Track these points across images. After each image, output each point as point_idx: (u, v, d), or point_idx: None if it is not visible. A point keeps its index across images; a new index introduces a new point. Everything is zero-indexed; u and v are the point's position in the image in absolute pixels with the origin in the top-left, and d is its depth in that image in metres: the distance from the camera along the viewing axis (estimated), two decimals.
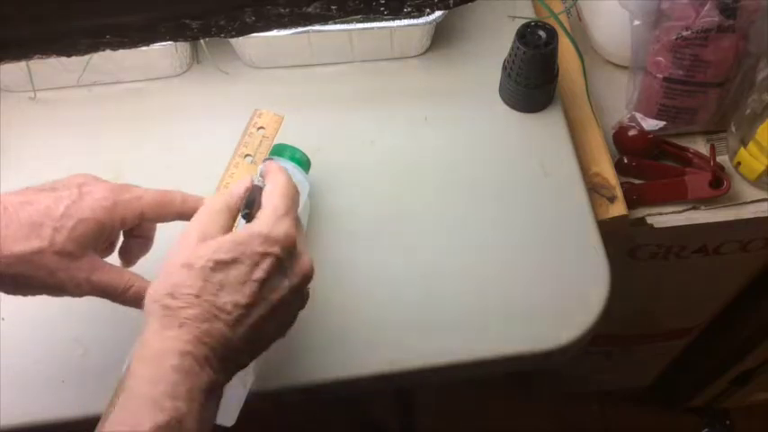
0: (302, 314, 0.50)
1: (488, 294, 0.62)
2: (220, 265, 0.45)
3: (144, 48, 0.52)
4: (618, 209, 0.69)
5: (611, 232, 0.67)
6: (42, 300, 0.62)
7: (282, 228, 0.47)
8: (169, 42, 0.69)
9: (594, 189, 0.70)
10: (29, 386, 0.58)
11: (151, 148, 0.70)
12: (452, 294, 0.62)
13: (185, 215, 0.52)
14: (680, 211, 0.73)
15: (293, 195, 0.50)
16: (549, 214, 0.66)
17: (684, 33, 0.67)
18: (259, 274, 0.45)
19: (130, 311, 0.61)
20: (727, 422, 1.40)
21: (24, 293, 0.49)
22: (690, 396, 1.34)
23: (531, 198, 0.67)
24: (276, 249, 0.46)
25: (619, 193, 0.70)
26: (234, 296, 0.45)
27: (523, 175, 0.68)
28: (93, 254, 0.49)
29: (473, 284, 0.63)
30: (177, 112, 0.73)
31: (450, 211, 0.66)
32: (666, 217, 0.73)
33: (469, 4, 0.56)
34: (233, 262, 0.45)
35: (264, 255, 0.46)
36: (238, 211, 0.50)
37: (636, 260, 0.81)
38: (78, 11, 0.47)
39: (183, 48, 0.72)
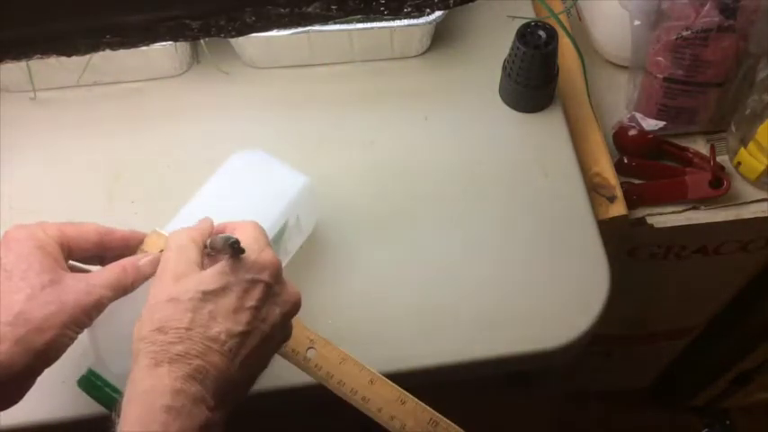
0: (302, 314, 0.50)
1: (488, 294, 0.62)
2: (209, 295, 0.43)
3: (144, 48, 0.52)
4: (618, 209, 0.69)
5: (611, 232, 0.67)
6: None
7: (268, 255, 0.46)
8: (169, 42, 0.69)
9: (594, 189, 0.70)
10: None
11: (151, 147, 0.70)
12: (452, 294, 0.62)
13: (102, 235, 0.51)
14: (680, 211, 0.73)
15: (264, 232, 0.49)
16: (549, 214, 0.66)
17: (684, 33, 0.67)
18: (251, 301, 0.44)
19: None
20: (727, 422, 1.40)
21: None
22: (690, 396, 1.33)
23: (531, 198, 0.67)
24: (265, 276, 0.45)
25: (619, 193, 0.70)
26: (226, 325, 0.43)
27: (523, 175, 0.68)
28: (71, 272, 0.48)
29: (473, 284, 0.63)
30: (177, 112, 0.73)
31: (450, 211, 0.66)
32: (666, 217, 0.73)
33: (469, 4, 0.56)
34: (222, 291, 0.44)
35: (254, 282, 0.45)
36: (204, 245, 0.48)
37: (636, 260, 0.81)
38: (78, 11, 0.47)
39: (183, 48, 0.72)
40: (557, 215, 0.66)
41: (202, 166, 0.68)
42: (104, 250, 0.51)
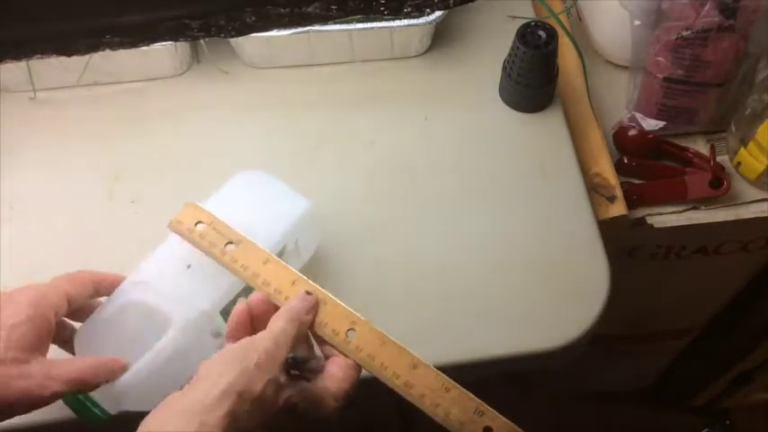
0: None
1: (488, 294, 0.62)
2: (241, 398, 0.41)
3: (144, 48, 0.52)
4: (618, 209, 0.69)
5: (611, 232, 0.67)
6: None
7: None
8: (169, 42, 0.69)
9: (594, 189, 0.70)
10: None
11: (151, 147, 0.70)
12: (452, 294, 0.62)
13: (98, 283, 0.52)
14: (680, 211, 0.73)
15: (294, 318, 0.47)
16: (549, 214, 0.66)
17: (684, 33, 0.67)
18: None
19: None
20: (727, 422, 1.40)
21: None
22: (690, 396, 1.33)
23: (531, 198, 0.67)
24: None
25: (619, 193, 0.70)
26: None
27: (523, 175, 0.68)
28: (42, 357, 0.47)
29: (473, 284, 0.63)
30: (177, 112, 0.73)
31: (450, 211, 0.66)
32: (666, 217, 0.73)
33: (469, 4, 0.56)
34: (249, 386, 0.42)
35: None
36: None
37: (636, 260, 0.81)
38: (78, 11, 0.47)
39: (183, 48, 0.72)
40: (557, 215, 0.66)
41: (202, 166, 0.68)
42: (98, 294, 0.53)
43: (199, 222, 0.52)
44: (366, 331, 0.49)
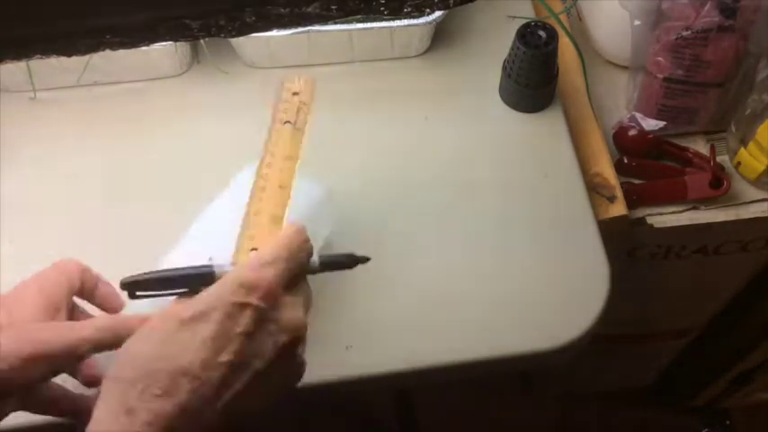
0: None
1: (488, 294, 0.62)
2: (186, 321, 0.38)
3: (144, 48, 0.52)
4: (618, 209, 0.69)
5: (611, 232, 0.67)
6: None
7: (262, 274, 0.40)
8: (169, 42, 0.69)
9: (594, 189, 0.70)
10: None
11: (151, 148, 0.70)
12: (452, 295, 0.62)
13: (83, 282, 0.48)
14: (680, 211, 0.73)
15: (293, 244, 0.42)
16: (549, 214, 0.66)
17: (684, 33, 0.67)
18: (237, 328, 0.38)
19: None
20: (727, 422, 1.40)
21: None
22: (690, 396, 1.33)
23: (531, 198, 0.67)
24: (253, 299, 0.39)
25: (619, 193, 0.70)
26: (201, 354, 0.37)
27: (523, 175, 0.68)
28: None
29: (473, 284, 0.63)
30: (177, 112, 0.73)
31: (450, 212, 0.66)
32: (666, 217, 0.73)
33: (469, 4, 0.56)
34: (201, 316, 0.38)
35: (241, 306, 0.38)
36: None
37: (636, 260, 0.81)
38: (78, 11, 0.47)
39: (183, 48, 0.72)
40: (557, 215, 0.66)
41: (202, 166, 0.68)
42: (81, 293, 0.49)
43: (296, 94, 0.53)
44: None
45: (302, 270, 0.43)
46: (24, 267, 0.63)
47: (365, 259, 0.48)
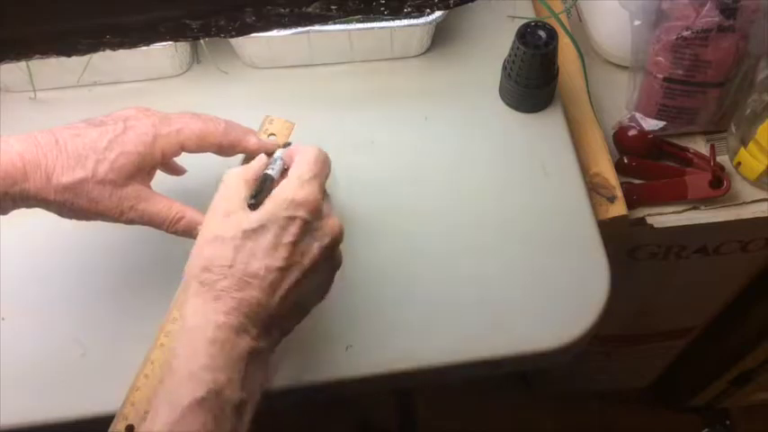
0: None
1: (488, 294, 0.62)
2: (249, 233, 0.47)
3: (144, 48, 0.52)
4: (618, 209, 0.69)
5: (611, 232, 0.67)
6: (43, 299, 0.62)
7: (306, 191, 0.48)
8: (169, 42, 0.69)
9: (594, 189, 0.70)
10: (29, 386, 0.58)
11: None
12: (452, 294, 0.62)
13: (224, 148, 0.55)
14: (680, 211, 0.73)
15: (320, 162, 0.51)
16: (549, 214, 0.66)
17: (684, 33, 0.67)
18: (288, 237, 0.47)
19: (130, 310, 0.61)
20: (727, 422, 1.40)
21: (72, 218, 0.53)
22: (690, 396, 1.34)
23: (532, 198, 0.67)
24: (302, 213, 0.48)
25: (619, 193, 0.70)
26: (265, 261, 0.46)
27: (523, 175, 0.68)
28: (138, 185, 0.52)
29: (473, 284, 0.63)
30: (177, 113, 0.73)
31: (450, 211, 0.66)
32: (666, 217, 0.73)
33: (469, 4, 0.56)
34: (261, 229, 0.47)
35: (291, 219, 0.47)
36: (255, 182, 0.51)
37: (636, 260, 0.81)
38: (78, 11, 0.47)
39: (183, 48, 0.72)
40: (557, 215, 0.66)
41: (202, 166, 0.68)
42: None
43: (272, 135, 0.59)
44: None
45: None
46: (24, 266, 0.63)
47: None
